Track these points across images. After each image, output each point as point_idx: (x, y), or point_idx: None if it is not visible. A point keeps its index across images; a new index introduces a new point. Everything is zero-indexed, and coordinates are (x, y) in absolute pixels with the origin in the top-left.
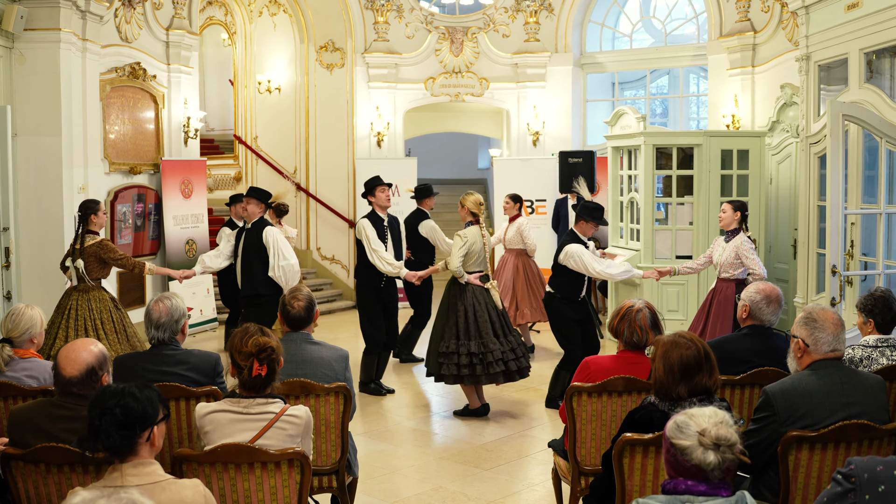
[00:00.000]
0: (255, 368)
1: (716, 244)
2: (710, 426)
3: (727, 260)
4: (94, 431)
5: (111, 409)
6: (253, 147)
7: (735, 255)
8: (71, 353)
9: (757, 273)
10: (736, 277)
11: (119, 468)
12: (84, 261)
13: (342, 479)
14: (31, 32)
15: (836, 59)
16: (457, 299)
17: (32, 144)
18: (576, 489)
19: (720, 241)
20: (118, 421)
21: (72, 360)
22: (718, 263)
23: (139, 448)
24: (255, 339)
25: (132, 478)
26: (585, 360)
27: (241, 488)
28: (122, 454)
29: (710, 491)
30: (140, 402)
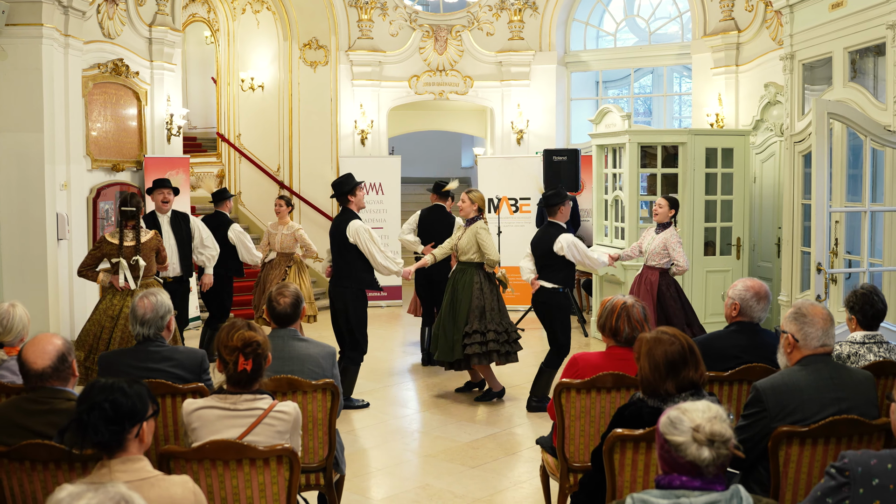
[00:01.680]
0: (241, 363)
1: (646, 234)
2: (704, 422)
3: (655, 250)
4: (81, 426)
5: (100, 403)
6: (236, 145)
7: (663, 247)
8: (37, 347)
9: (681, 265)
10: (661, 266)
11: (107, 464)
12: (144, 257)
13: (329, 477)
14: (13, 28)
15: (821, 57)
16: (480, 285)
17: (14, 141)
18: (564, 486)
19: (650, 232)
20: (107, 416)
21: (41, 352)
22: (647, 252)
23: (128, 444)
24: (241, 333)
25: (120, 474)
26: (574, 356)
27: (230, 485)
28: (110, 450)
29: (704, 486)
30: (129, 397)
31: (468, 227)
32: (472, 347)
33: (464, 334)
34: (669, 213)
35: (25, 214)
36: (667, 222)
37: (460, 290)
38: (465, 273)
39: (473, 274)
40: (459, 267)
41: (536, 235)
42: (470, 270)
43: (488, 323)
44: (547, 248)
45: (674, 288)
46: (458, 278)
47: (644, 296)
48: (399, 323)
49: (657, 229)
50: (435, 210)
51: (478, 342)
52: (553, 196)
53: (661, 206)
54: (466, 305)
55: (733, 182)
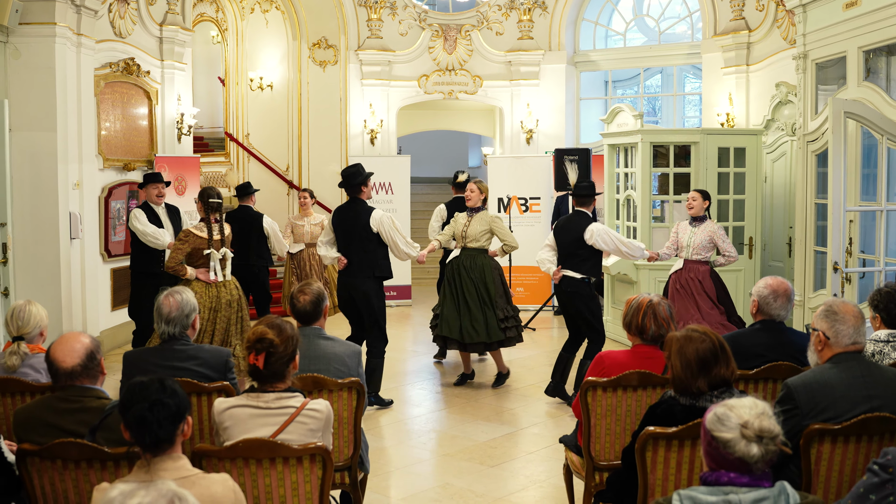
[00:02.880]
0: (252, 358)
1: (679, 228)
2: (752, 418)
3: (701, 243)
4: (143, 424)
5: (161, 400)
6: (245, 144)
7: (710, 239)
8: (65, 346)
9: (732, 255)
10: (705, 259)
11: (148, 463)
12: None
13: (355, 476)
14: (26, 27)
15: (834, 57)
16: (499, 270)
17: (27, 140)
18: (590, 484)
19: (685, 226)
20: (171, 412)
21: (69, 351)
22: (689, 246)
23: (177, 441)
24: (258, 328)
25: (162, 472)
26: (599, 354)
27: (262, 483)
28: (162, 448)
29: (752, 482)
30: (178, 394)
31: (475, 214)
32: (511, 331)
33: (501, 318)
34: (704, 205)
35: (38, 213)
36: (702, 215)
37: (485, 274)
38: (476, 258)
39: (487, 259)
40: (468, 253)
41: (561, 224)
42: (480, 257)
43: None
44: (576, 236)
45: (720, 281)
46: (470, 264)
47: (696, 288)
48: (409, 322)
49: (692, 222)
50: (457, 201)
51: (514, 325)
52: (588, 187)
53: (694, 199)
54: (494, 289)
55: (745, 182)
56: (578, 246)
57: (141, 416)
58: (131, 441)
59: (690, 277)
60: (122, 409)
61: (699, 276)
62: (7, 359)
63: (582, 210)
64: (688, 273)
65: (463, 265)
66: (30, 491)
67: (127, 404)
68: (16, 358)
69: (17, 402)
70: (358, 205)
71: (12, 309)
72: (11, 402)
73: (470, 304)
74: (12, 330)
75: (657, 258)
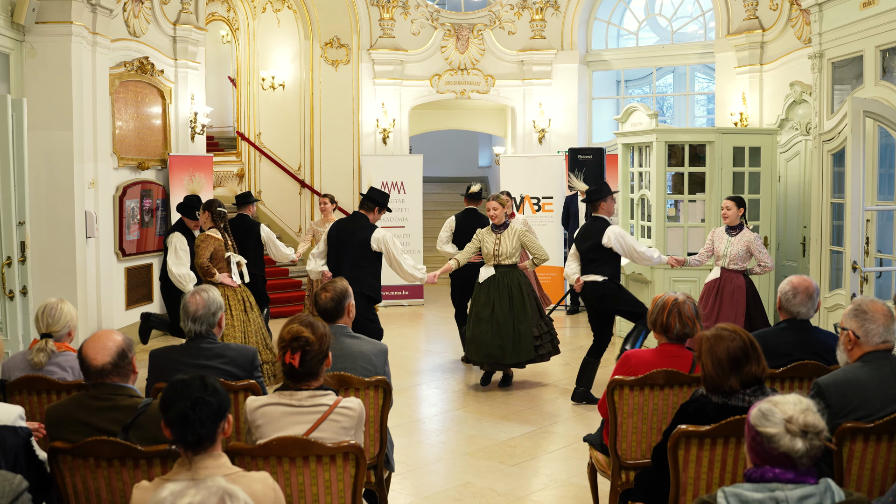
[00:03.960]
0: (287, 357)
1: (715, 236)
2: (796, 413)
3: (738, 253)
4: (186, 423)
5: (203, 398)
6: (256, 144)
7: (746, 249)
8: (97, 343)
9: (769, 265)
10: (742, 269)
11: (189, 461)
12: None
13: (381, 474)
14: (43, 26)
15: (850, 56)
16: (529, 286)
17: (43, 139)
18: (616, 484)
19: (721, 234)
20: (213, 411)
21: (100, 349)
22: (725, 255)
23: (218, 438)
24: (292, 327)
25: (203, 470)
26: (626, 353)
27: (296, 482)
28: (203, 446)
29: (797, 478)
30: (219, 391)
31: (503, 231)
32: (544, 347)
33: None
34: (739, 213)
35: (54, 212)
36: (738, 224)
37: (522, 290)
38: (510, 275)
39: (519, 274)
40: (502, 270)
41: (580, 232)
42: (513, 272)
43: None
44: (596, 242)
45: (754, 292)
46: (508, 281)
47: (730, 303)
48: (421, 322)
49: (729, 231)
50: (469, 214)
51: (549, 340)
52: (594, 192)
53: (728, 208)
54: (529, 304)
55: (760, 181)
56: (599, 251)
57: (183, 415)
58: (172, 439)
59: (730, 289)
60: (164, 408)
61: (733, 288)
62: (34, 355)
63: (598, 215)
64: (724, 283)
65: (500, 283)
66: (61, 489)
67: (168, 402)
68: (42, 355)
69: (42, 400)
70: (360, 221)
71: (44, 306)
72: (38, 401)
73: (503, 322)
74: (41, 326)
75: (681, 264)
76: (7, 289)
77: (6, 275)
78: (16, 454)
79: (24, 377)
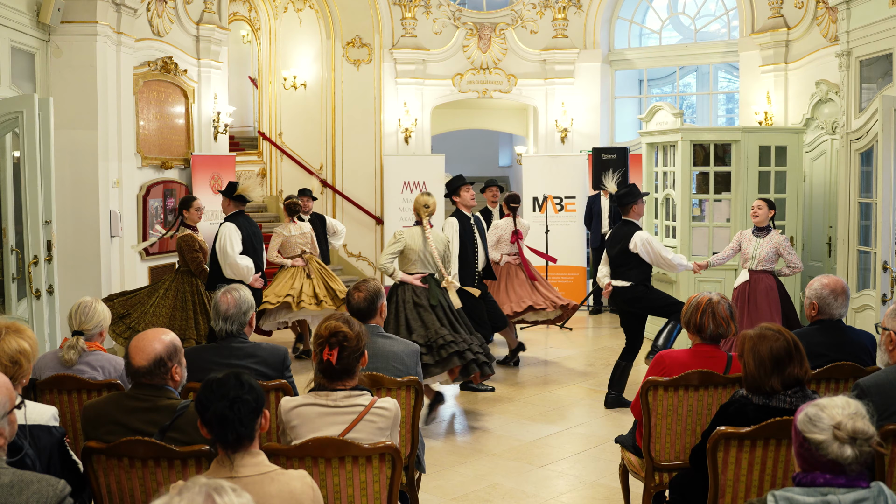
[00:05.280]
0: (325, 353)
1: (743, 238)
2: (845, 419)
3: (766, 255)
4: (225, 423)
5: (240, 397)
6: (278, 143)
7: (776, 251)
8: (141, 343)
9: (798, 266)
10: (770, 270)
11: (228, 459)
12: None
13: (412, 475)
14: (68, 25)
15: (879, 54)
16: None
17: (68, 138)
18: (649, 485)
19: (749, 236)
20: (252, 408)
21: (141, 350)
22: (753, 257)
23: (256, 435)
24: (330, 323)
25: (242, 468)
26: (660, 353)
27: (331, 483)
28: (242, 444)
29: (849, 483)
30: (255, 388)
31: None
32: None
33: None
34: (769, 215)
35: (79, 211)
36: (766, 226)
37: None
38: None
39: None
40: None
41: (610, 236)
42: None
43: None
44: (623, 247)
45: (785, 292)
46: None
47: (763, 303)
48: None
49: (757, 233)
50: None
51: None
52: (625, 195)
53: (759, 207)
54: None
55: (786, 180)
56: (626, 256)
57: (222, 415)
58: (211, 439)
59: (761, 289)
60: (201, 408)
61: (765, 289)
62: (65, 352)
63: (628, 219)
64: (755, 285)
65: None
66: (95, 489)
67: (205, 403)
68: (73, 353)
69: (73, 399)
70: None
71: (78, 304)
72: (68, 400)
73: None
74: (74, 324)
75: (705, 268)
76: (34, 288)
77: (33, 274)
78: (50, 454)
79: (55, 376)
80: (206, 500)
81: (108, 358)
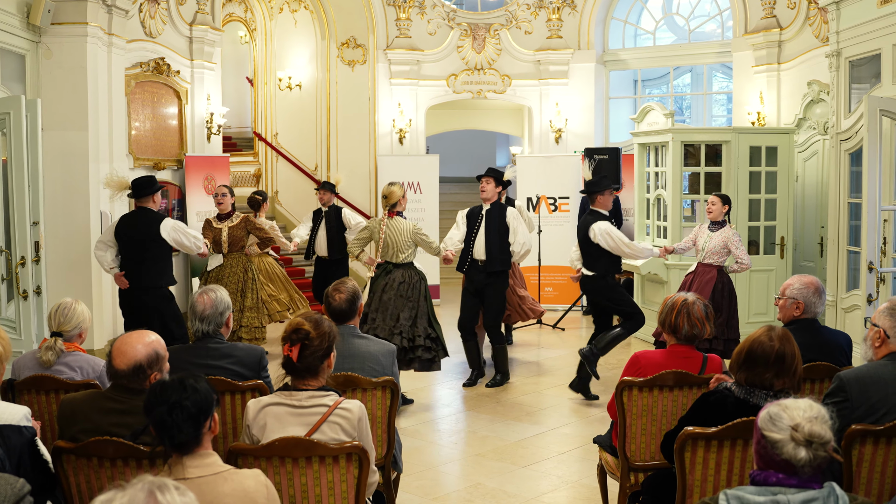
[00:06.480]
0: (286, 349)
1: (700, 231)
2: (804, 421)
3: (714, 248)
4: (164, 428)
5: (180, 402)
6: (273, 144)
7: (723, 245)
8: (124, 346)
9: (745, 262)
10: (718, 264)
11: (180, 461)
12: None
13: (388, 475)
14: (58, 27)
15: (868, 54)
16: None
17: (59, 139)
18: (625, 485)
19: (705, 229)
20: (190, 414)
21: (123, 354)
22: (703, 250)
23: (204, 439)
24: (294, 320)
25: (194, 469)
26: (635, 354)
27: (298, 483)
28: (189, 447)
29: (801, 484)
30: (200, 392)
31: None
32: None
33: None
34: (723, 210)
35: (70, 212)
36: (721, 220)
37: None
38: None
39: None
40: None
41: (578, 226)
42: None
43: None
44: (584, 236)
45: (728, 288)
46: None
47: (701, 293)
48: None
49: (711, 227)
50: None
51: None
52: (590, 184)
53: (714, 203)
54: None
55: (777, 181)
56: (588, 244)
57: (161, 420)
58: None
59: (700, 281)
60: (145, 412)
61: (703, 283)
62: (43, 353)
63: (595, 209)
64: (696, 277)
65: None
66: (65, 488)
67: (148, 407)
68: (51, 353)
69: (51, 399)
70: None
71: (58, 305)
72: (46, 400)
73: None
74: (53, 325)
75: (671, 252)
76: (21, 288)
77: (20, 275)
78: (20, 454)
79: (33, 377)
80: (148, 497)
81: (87, 359)
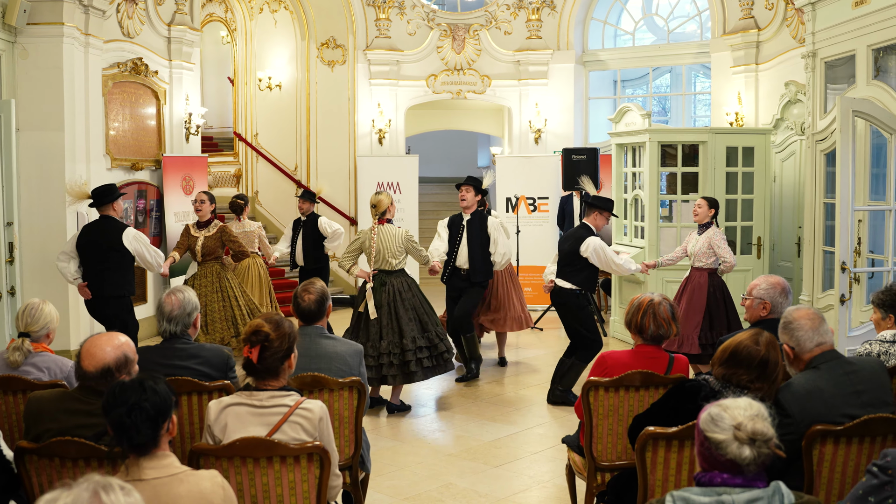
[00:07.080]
0: (246, 351)
1: (690, 238)
2: (745, 420)
3: (700, 250)
4: (122, 429)
5: (138, 404)
6: (253, 144)
7: (708, 246)
8: (93, 348)
9: (728, 261)
10: (709, 267)
11: (136, 462)
12: None
13: (355, 475)
14: (34, 27)
15: (843, 55)
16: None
17: (35, 139)
18: (592, 485)
19: (693, 235)
20: (149, 416)
21: (92, 356)
22: (692, 254)
23: (161, 440)
24: (254, 321)
25: (150, 471)
26: (602, 354)
27: (259, 483)
28: (146, 448)
29: (746, 483)
30: (159, 393)
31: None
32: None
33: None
34: (709, 213)
35: (46, 213)
36: (708, 222)
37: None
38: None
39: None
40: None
41: (566, 234)
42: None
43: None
44: (573, 248)
45: (721, 291)
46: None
47: (690, 299)
48: None
49: (699, 230)
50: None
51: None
52: (596, 198)
53: (700, 206)
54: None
55: (754, 181)
56: (575, 257)
57: (119, 422)
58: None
59: (692, 286)
60: (103, 413)
61: (694, 287)
62: (10, 354)
63: (587, 223)
64: (689, 282)
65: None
66: (28, 489)
67: (106, 408)
68: (18, 354)
69: (18, 400)
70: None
71: (26, 305)
72: (13, 401)
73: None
74: (20, 325)
75: (653, 267)
76: None
77: None
78: None
79: (0, 377)
80: (93, 497)
81: (55, 359)
